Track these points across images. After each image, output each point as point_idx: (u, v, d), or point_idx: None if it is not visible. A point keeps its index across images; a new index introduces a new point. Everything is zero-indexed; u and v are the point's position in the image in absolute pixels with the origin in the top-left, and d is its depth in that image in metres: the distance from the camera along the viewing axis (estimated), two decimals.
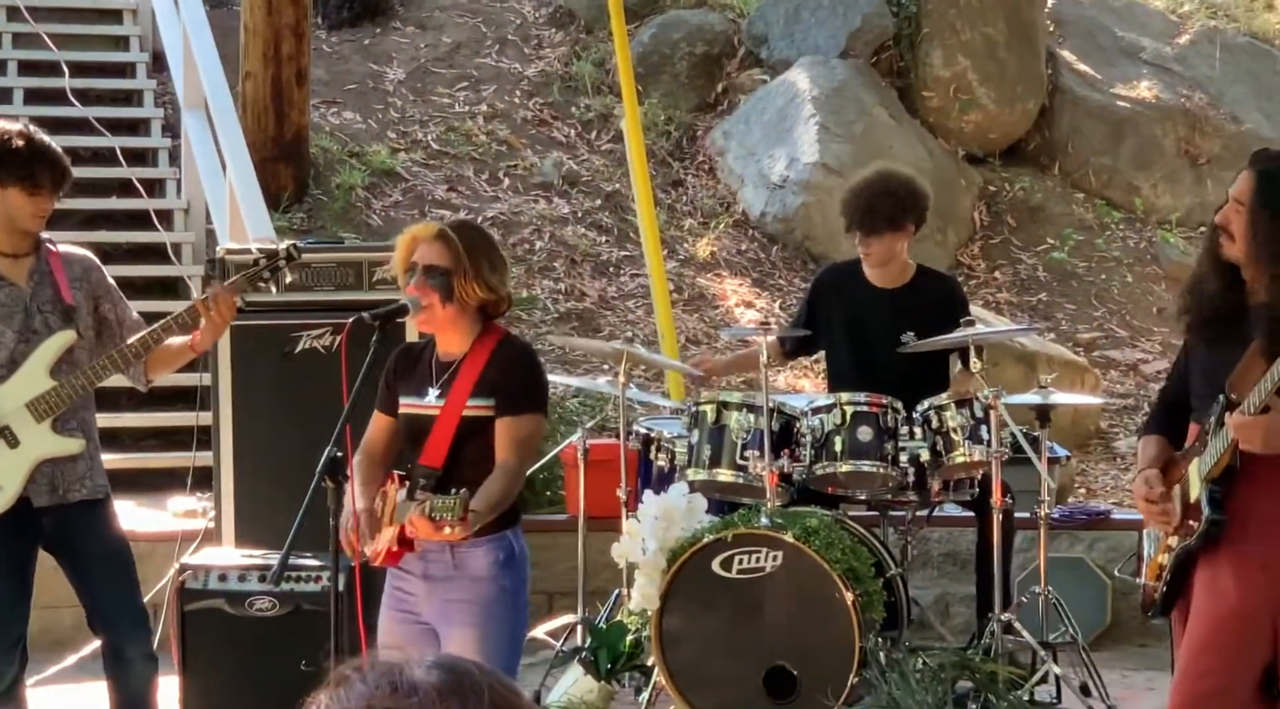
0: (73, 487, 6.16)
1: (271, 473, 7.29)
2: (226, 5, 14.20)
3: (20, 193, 6.05)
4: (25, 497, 6.08)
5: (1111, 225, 13.22)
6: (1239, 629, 5.02)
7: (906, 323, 7.42)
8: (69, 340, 6.15)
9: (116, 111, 12.46)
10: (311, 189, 12.09)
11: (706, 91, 13.70)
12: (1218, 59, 14.39)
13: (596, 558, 7.68)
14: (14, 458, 6.06)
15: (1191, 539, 5.11)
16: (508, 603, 5.39)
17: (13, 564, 6.11)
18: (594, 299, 11.68)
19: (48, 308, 6.14)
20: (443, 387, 5.41)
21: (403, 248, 5.49)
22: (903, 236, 7.58)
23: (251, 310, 7.52)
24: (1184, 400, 5.34)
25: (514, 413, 5.36)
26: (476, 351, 5.43)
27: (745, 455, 7.14)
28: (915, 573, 8.22)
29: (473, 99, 13.50)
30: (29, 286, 6.13)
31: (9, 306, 6.09)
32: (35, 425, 6.07)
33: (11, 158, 6.04)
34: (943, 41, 13.36)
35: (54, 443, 6.11)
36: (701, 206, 12.76)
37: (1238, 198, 5.06)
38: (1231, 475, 5.06)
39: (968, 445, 7.13)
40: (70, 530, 6.17)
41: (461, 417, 5.35)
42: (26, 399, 6.07)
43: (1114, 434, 11.18)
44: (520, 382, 5.40)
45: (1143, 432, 5.50)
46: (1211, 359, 5.16)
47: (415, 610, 5.43)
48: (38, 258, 6.18)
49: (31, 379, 6.08)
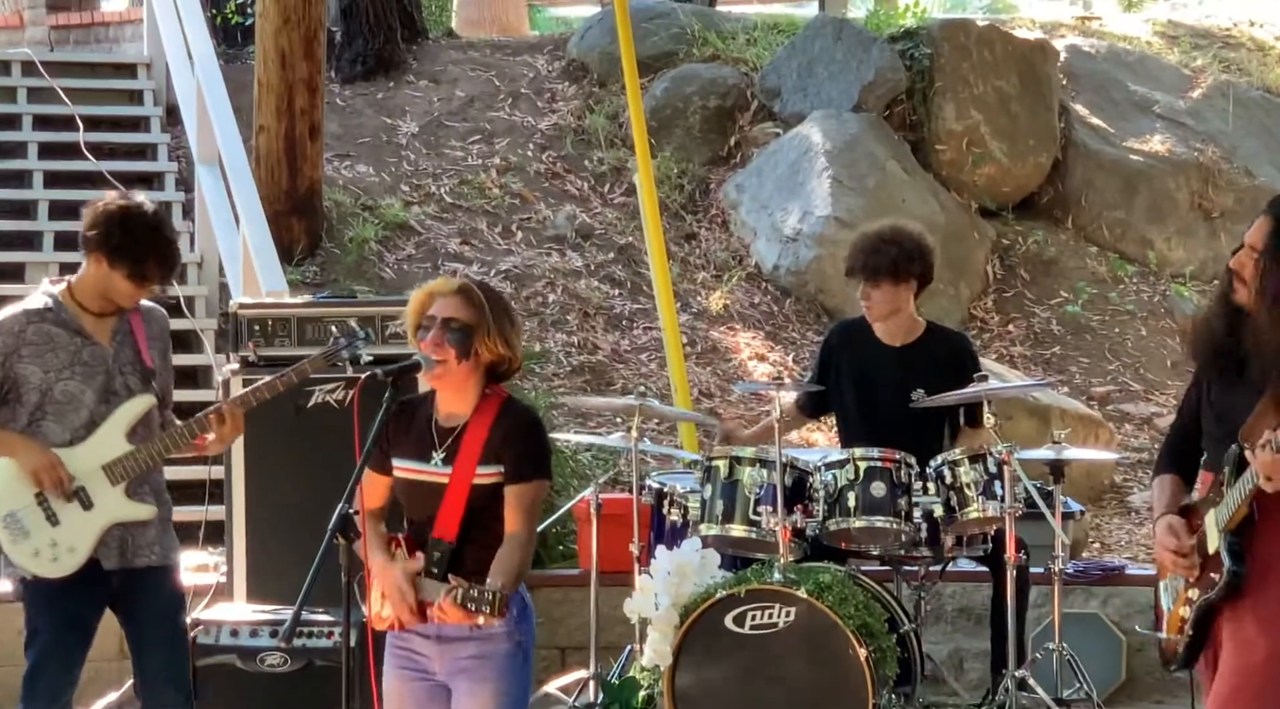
0: (141, 551, 6.18)
1: (283, 528, 7.29)
2: (240, 59, 14.28)
3: (127, 281, 6.08)
4: (95, 558, 6.09)
5: (1125, 279, 13.21)
6: (1268, 678, 5.00)
7: (915, 380, 7.41)
8: (149, 405, 6.18)
9: (130, 166, 12.48)
10: (324, 242, 12.10)
11: (719, 145, 13.72)
12: (1231, 113, 14.40)
13: (609, 613, 7.66)
14: (87, 520, 6.06)
15: (1213, 592, 5.10)
16: (520, 658, 5.41)
17: (73, 624, 6.12)
18: (607, 352, 11.67)
19: (128, 369, 6.17)
20: (447, 452, 5.40)
21: (417, 302, 5.46)
22: (904, 290, 7.56)
23: (265, 364, 7.53)
24: (1193, 439, 5.34)
25: (522, 481, 5.37)
26: (480, 416, 5.41)
27: (758, 510, 7.12)
28: (929, 628, 8.18)
29: (486, 152, 13.52)
30: (112, 347, 6.15)
31: (92, 366, 6.10)
32: (109, 488, 6.08)
33: (128, 249, 6.05)
34: (955, 95, 13.38)
35: (127, 507, 6.12)
36: (714, 260, 12.76)
37: (1252, 244, 5.07)
38: (1249, 525, 5.05)
39: (981, 501, 7.11)
40: (134, 594, 6.18)
41: (471, 486, 5.36)
42: (103, 462, 6.08)
43: (1128, 488, 11.14)
44: (526, 449, 5.40)
45: (1156, 470, 5.49)
46: (1223, 400, 5.15)
47: (427, 669, 5.42)
48: (120, 317, 6.20)
49: (109, 441, 6.09)
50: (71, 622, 6.11)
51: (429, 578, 5.31)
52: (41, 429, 6.07)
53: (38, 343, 6.07)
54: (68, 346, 6.09)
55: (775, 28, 14.90)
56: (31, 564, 6.04)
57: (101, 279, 6.10)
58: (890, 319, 7.62)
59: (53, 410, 6.06)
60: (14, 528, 6.02)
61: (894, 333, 7.65)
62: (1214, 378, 5.20)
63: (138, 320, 6.24)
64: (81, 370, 6.08)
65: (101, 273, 6.09)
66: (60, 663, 6.09)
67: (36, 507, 6.02)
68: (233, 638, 6.67)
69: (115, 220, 6.08)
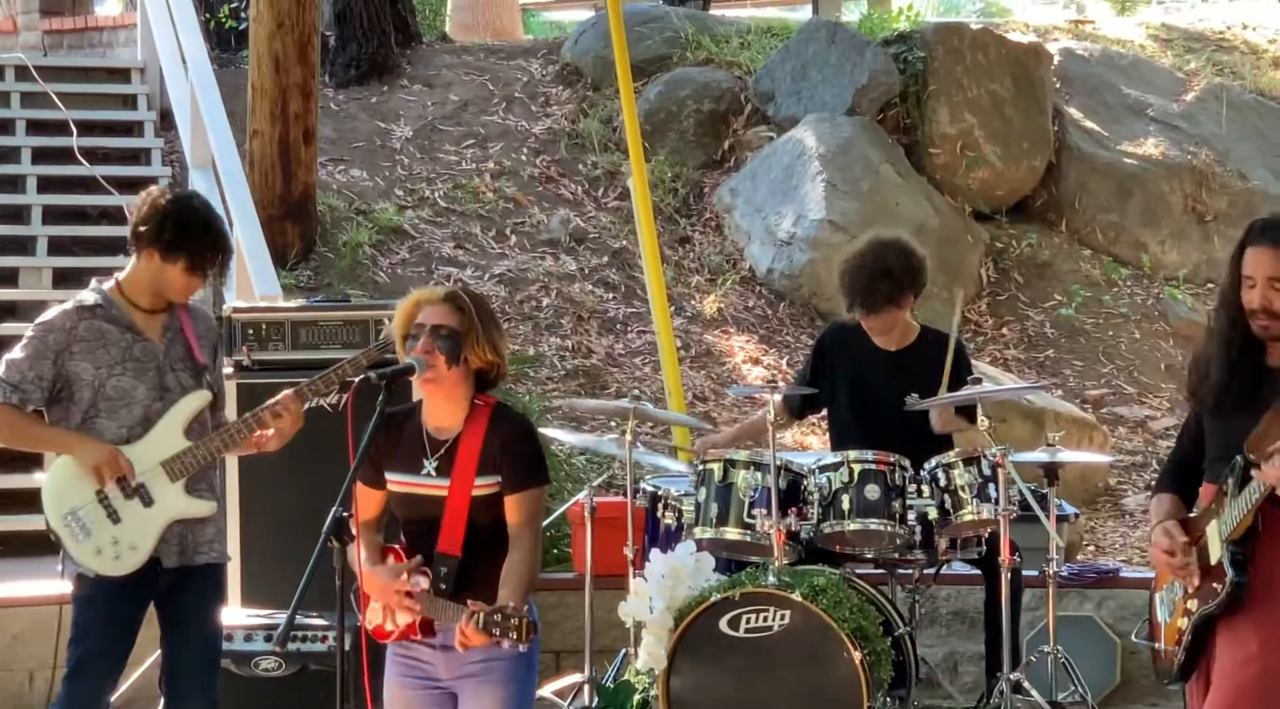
0: (201, 549, 6.15)
1: (278, 532, 7.29)
2: (234, 64, 14.28)
3: (181, 272, 6.04)
4: (155, 556, 6.06)
5: (1119, 282, 13.21)
6: (1264, 692, 4.99)
7: (909, 383, 7.42)
8: (205, 401, 6.16)
9: (124, 170, 12.47)
10: (318, 247, 12.10)
11: (713, 149, 13.72)
12: (1224, 116, 14.41)
13: (604, 616, 7.65)
14: (148, 517, 6.02)
15: (1213, 603, 5.08)
16: (524, 663, 5.45)
17: (123, 625, 6.08)
18: (601, 356, 11.67)
19: (180, 365, 6.13)
20: (440, 462, 5.40)
21: (404, 311, 5.48)
22: (903, 308, 7.60)
23: (258, 369, 7.53)
24: (1195, 461, 5.33)
25: (521, 489, 5.40)
26: (473, 425, 5.42)
27: (752, 513, 7.13)
28: (923, 631, 8.18)
29: (480, 157, 13.52)
30: (163, 344, 6.12)
31: (143, 362, 6.07)
32: (170, 485, 6.05)
33: (186, 241, 6.02)
34: (949, 99, 13.38)
35: (187, 504, 6.08)
36: (708, 263, 12.76)
37: (1269, 275, 5.05)
38: (1252, 537, 5.04)
39: (976, 503, 7.11)
40: (185, 592, 6.13)
41: (471, 497, 5.36)
42: (162, 458, 6.04)
43: (1122, 491, 11.15)
44: (523, 457, 5.43)
45: (1155, 490, 5.49)
46: (1228, 423, 5.14)
47: (434, 677, 5.44)
48: (170, 314, 6.17)
49: (167, 438, 6.06)
50: (122, 622, 6.05)
51: (438, 596, 5.33)
52: (96, 426, 6.02)
53: (89, 339, 6.03)
54: (119, 343, 6.04)
55: (769, 31, 14.91)
56: (94, 562, 5.98)
57: (154, 274, 6.06)
58: (890, 332, 7.65)
59: (105, 407, 6.02)
60: (75, 526, 5.96)
61: (890, 337, 7.67)
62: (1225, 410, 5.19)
63: (186, 317, 6.20)
64: (133, 366, 6.04)
65: (154, 267, 6.05)
66: (105, 664, 6.03)
67: (98, 505, 5.97)
68: (227, 642, 6.65)
69: (167, 214, 6.04)
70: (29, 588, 8.27)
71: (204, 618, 6.17)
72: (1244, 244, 5.16)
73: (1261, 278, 5.08)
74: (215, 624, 6.25)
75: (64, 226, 12.04)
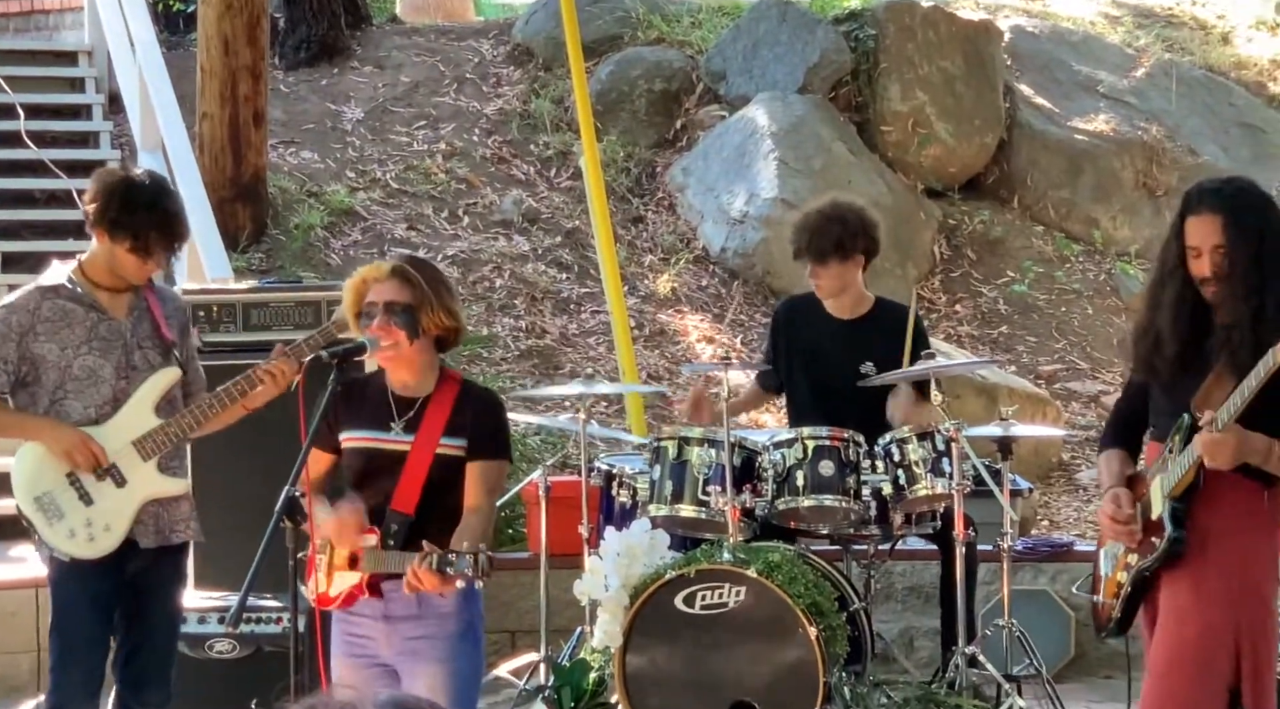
0: (176, 528, 6.09)
1: (230, 514, 7.25)
2: (183, 46, 14.20)
3: (127, 253, 5.96)
4: (131, 538, 6.00)
5: (1071, 258, 13.25)
6: (1202, 649, 5.03)
7: (864, 354, 7.44)
8: (175, 378, 6.08)
9: (73, 154, 12.40)
10: (270, 229, 12.05)
11: (665, 128, 13.70)
12: (1174, 92, 14.45)
13: (559, 595, 7.65)
14: (122, 497, 5.97)
15: (1151, 558, 5.12)
16: (471, 638, 5.43)
17: (103, 606, 6.01)
18: (555, 336, 11.65)
19: (147, 343, 6.07)
20: (408, 423, 5.38)
21: (352, 291, 5.44)
22: (852, 266, 7.59)
23: (210, 350, 7.49)
24: (1139, 415, 5.37)
25: (485, 457, 5.39)
26: (443, 391, 5.42)
27: (707, 491, 7.12)
28: (879, 607, 8.19)
29: (431, 138, 13.48)
30: (128, 321, 6.05)
31: (109, 341, 6.01)
32: (142, 464, 5.99)
33: (128, 222, 5.92)
34: (900, 76, 13.39)
35: (161, 482, 6.03)
36: (661, 243, 12.75)
37: (1216, 244, 5.06)
38: (1194, 493, 5.07)
39: (930, 478, 7.12)
40: (154, 569, 6.06)
41: (435, 455, 5.34)
42: (133, 437, 5.98)
43: (1076, 466, 11.19)
44: (492, 427, 5.44)
45: (1102, 446, 5.52)
46: (1178, 383, 5.17)
47: (373, 653, 5.40)
48: (136, 294, 6.10)
49: (137, 416, 5.99)
50: (101, 604, 6.00)
51: (386, 550, 5.29)
52: (64, 408, 5.97)
53: (53, 320, 5.98)
54: (84, 322, 5.99)
55: (720, 10, 14.89)
56: (67, 545, 5.93)
57: (106, 254, 6.00)
58: (841, 294, 7.64)
59: (73, 388, 5.97)
60: (48, 510, 5.91)
61: (843, 306, 7.67)
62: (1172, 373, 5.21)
63: (153, 297, 6.14)
64: (99, 345, 5.99)
65: (105, 248, 5.99)
66: (89, 649, 5.98)
67: (69, 487, 5.92)
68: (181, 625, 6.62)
69: (113, 192, 5.97)
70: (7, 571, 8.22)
71: (168, 603, 6.13)
72: (1183, 213, 5.17)
73: (1208, 247, 5.09)
74: (177, 608, 6.21)
75: (11, 211, 11.97)
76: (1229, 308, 5.06)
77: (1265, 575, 5.17)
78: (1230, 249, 5.05)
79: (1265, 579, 5.17)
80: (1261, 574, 5.16)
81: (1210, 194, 5.15)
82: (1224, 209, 5.09)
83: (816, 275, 7.60)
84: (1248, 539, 5.11)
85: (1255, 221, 5.09)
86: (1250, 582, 5.10)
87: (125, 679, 6.08)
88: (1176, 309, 5.16)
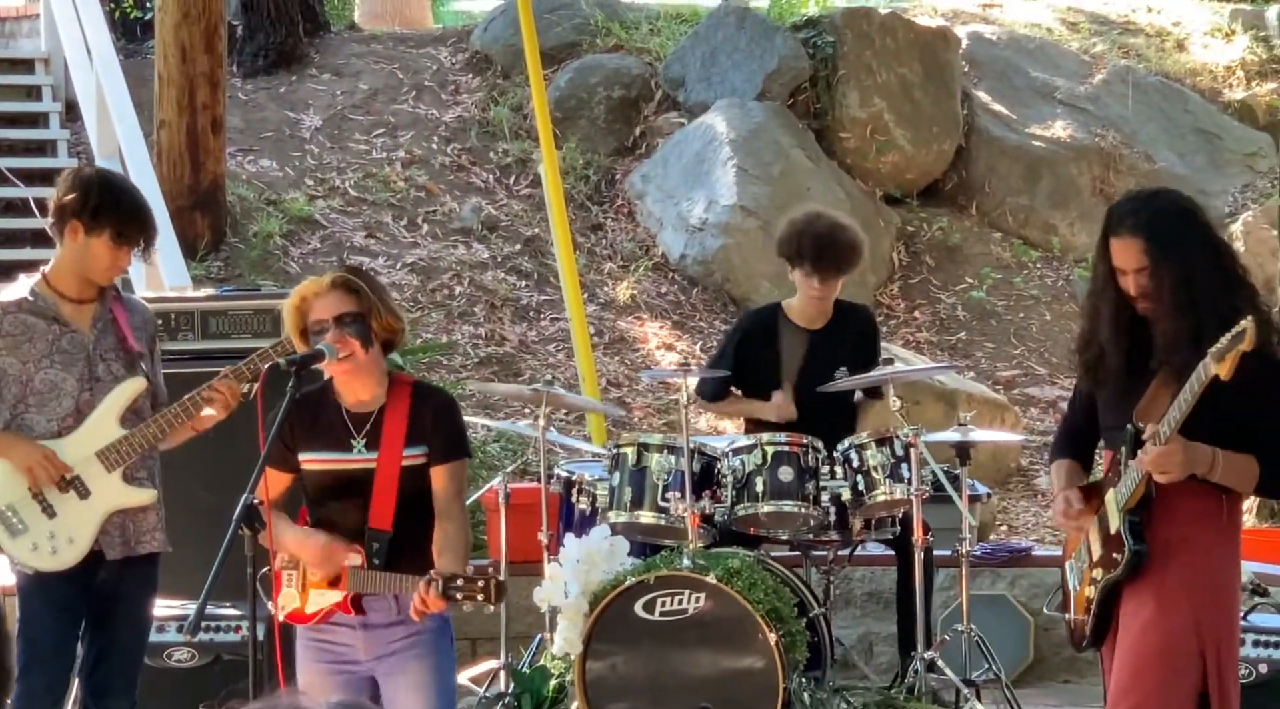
0: (143, 538, 6.04)
1: (189, 523, 7.21)
2: (140, 54, 14.15)
3: (105, 244, 5.90)
4: (97, 549, 5.95)
5: (1029, 264, 13.30)
6: (1166, 660, 5.05)
7: (833, 360, 7.44)
8: (140, 388, 6.02)
9: (30, 162, 12.36)
10: (229, 237, 12.03)
11: (624, 135, 13.72)
12: (1130, 98, 14.52)
13: (519, 602, 7.63)
14: (85, 509, 5.92)
15: (1115, 572, 5.14)
16: (448, 634, 5.52)
17: (70, 617, 5.98)
18: (514, 343, 11.65)
19: (111, 355, 6.02)
20: (369, 440, 5.39)
21: (294, 312, 5.42)
22: (843, 281, 7.65)
23: (168, 358, 7.45)
24: (1086, 428, 5.40)
25: (447, 460, 5.42)
26: (395, 400, 5.43)
27: (666, 497, 7.13)
28: (838, 612, 8.21)
29: (390, 145, 13.47)
30: (92, 333, 6.00)
31: (71, 354, 5.96)
32: (106, 476, 5.93)
33: (111, 209, 5.90)
34: (859, 83, 13.42)
35: (126, 493, 5.97)
36: (621, 250, 12.76)
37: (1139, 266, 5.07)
38: (1148, 504, 5.09)
39: (888, 484, 7.15)
40: (124, 580, 6.01)
41: (401, 468, 5.36)
42: (97, 448, 5.93)
43: (1034, 471, 11.22)
44: (449, 429, 5.47)
45: (1052, 457, 5.54)
46: (1121, 392, 5.19)
47: (352, 659, 5.42)
48: (102, 304, 6.06)
49: (101, 428, 5.94)
50: (67, 613, 5.96)
51: (370, 570, 5.32)
52: (26, 422, 5.93)
53: (14, 334, 5.94)
54: (45, 335, 5.95)
55: (678, 17, 14.91)
56: (30, 558, 5.89)
57: (78, 252, 5.93)
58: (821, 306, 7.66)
59: (35, 402, 5.93)
60: (10, 523, 5.87)
61: (810, 316, 7.67)
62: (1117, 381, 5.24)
63: (120, 309, 6.09)
64: (61, 358, 5.95)
65: (78, 245, 5.92)
66: (55, 659, 5.95)
67: (31, 500, 5.88)
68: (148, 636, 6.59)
69: (92, 182, 5.96)
70: None
71: (136, 613, 6.10)
72: (1106, 234, 5.17)
73: (1131, 269, 5.10)
74: (146, 619, 6.18)
75: None
76: (1164, 325, 5.07)
77: (1226, 582, 5.20)
78: (1154, 271, 5.05)
79: (1226, 586, 5.19)
80: (1222, 581, 5.18)
81: (1129, 216, 5.12)
82: (1144, 232, 5.06)
83: (815, 287, 7.57)
84: (1207, 547, 5.13)
85: (1177, 241, 5.05)
86: (1211, 588, 5.12)
87: (89, 687, 6.05)
88: (1115, 322, 5.17)
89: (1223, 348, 4.75)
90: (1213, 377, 4.79)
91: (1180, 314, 5.02)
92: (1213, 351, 4.77)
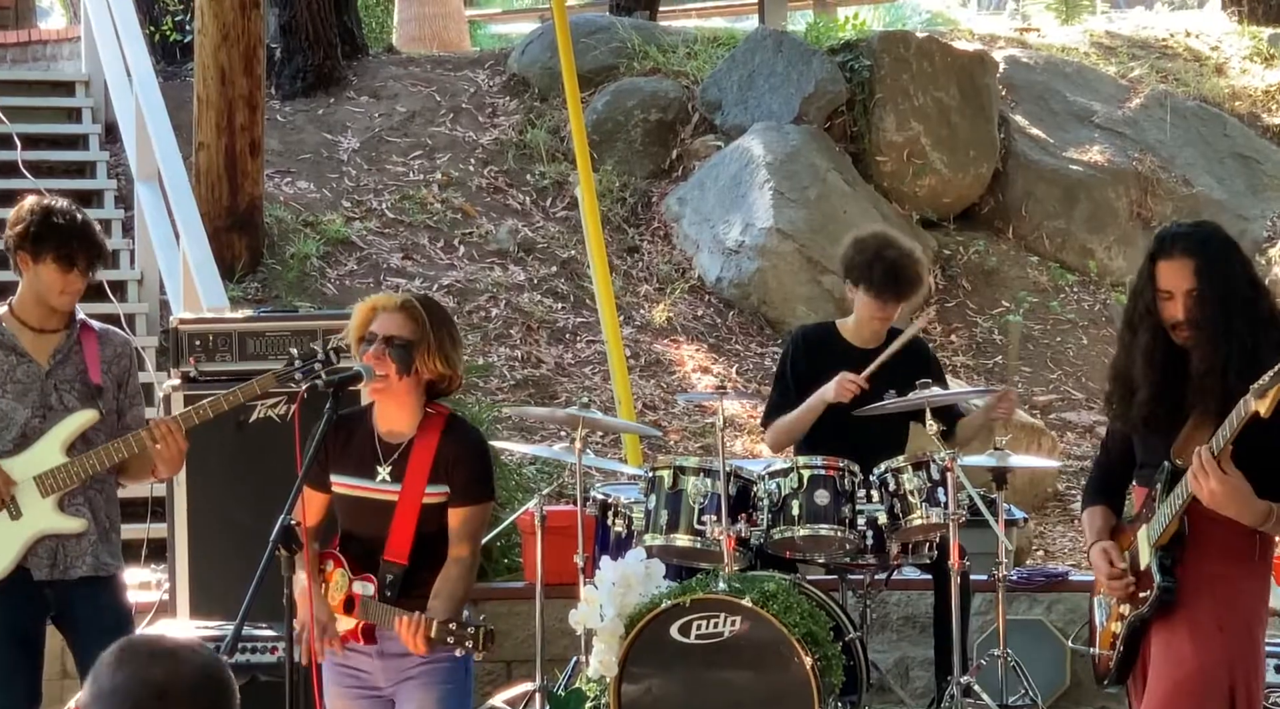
0: (74, 563, 6.12)
1: (226, 543, 7.25)
2: (179, 77, 14.21)
3: (54, 270, 6.01)
4: (25, 569, 6.05)
5: (1066, 288, 13.27)
6: (1197, 692, 5.03)
7: (886, 382, 7.42)
8: (90, 420, 6.12)
9: (69, 183, 12.39)
10: (266, 259, 12.06)
11: (661, 158, 13.73)
12: (1168, 123, 14.49)
13: (554, 625, 7.64)
14: (13, 529, 6.03)
15: (1144, 607, 5.12)
16: (461, 667, 5.48)
17: (13, 635, 6.05)
18: (550, 366, 11.66)
19: (66, 386, 6.12)
20: (394, 468, 5.40)
21: (360, 316, 5.48)
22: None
23: (206, 380, 7.49)
24: (1120, 471, 5.38)
25: (468, 503, 5.42)
26: (426, 433, 5.43)
27: (703, 520, 7.13)
28: (874, 636, 8.18)
29: (427, 167, 13.50)
30: (48, 364, 6.11)
31: (25, 384, 6.09)
32: (40, 500, 6.05)
33: (50, 233, 6.01)
34: (895, 107, 13.42)
35: (54, 519, 6.07)
36: (657, 272, 12.77)
37: (1187, 289, 5.08)
38: (1180, 541, 5.07)
39: (925, 508, 7.13)
40: (73, 606, 6.12)
41: (422, 505, 5.37)
42: (36, 472, 6.04)
43: (1071, 496, 11.19)
44: (473, 471, 5.45)
45: (1085, 501, 5.51)
46: (1156, 431, 5.17)
47: (372, 685, 5.46)
48: (68, 335, 6.16)
49: (45, 454, 6.06)
50: (18, 638, 6.04)
51: (382, 602, 5.34)
52: None
53: None
54: (2, 365, 6.08)
55: (715, 41, 14.93)
56: None
57: (30, 282, 6.08)
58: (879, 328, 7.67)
59: None
60: None
61: (866, 337, 7.67)
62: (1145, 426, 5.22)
63: (91, 341, 6.18)
64: (14, 389, 6.08)
65: (30, 274, 6.07)
66: (12, 675, 6.01)
67: None
68: None
69: (32, 212, 6.06)
70: None
71: (100, 629, 6.11)
72: (1154, 257, 5.18)
73: (1180, 291, 5.10)
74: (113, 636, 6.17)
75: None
76: (1202, 354, 5.06)
77: (1254, 616, 5.18)
78: (1201, 293, 5.07)
79: (1256, 621, 5.18)
80: (1253, 616, 5.17)
81: (1182, 238, 5.18)
82: (1196, 253, 5.11)
83: (878, 310, 7.57)
84: (1237, 580, 5.12)
85: (1224, 267, 5.11)
86: (1244, 624, 5.12)
87: None
88: (1150, 353, 5.16)
89: (1265, 384, 4.73)
90: (1253, 413, 4.77)
91: (1218, 341, 5.01)
92: (1255, 388, 4.75)
